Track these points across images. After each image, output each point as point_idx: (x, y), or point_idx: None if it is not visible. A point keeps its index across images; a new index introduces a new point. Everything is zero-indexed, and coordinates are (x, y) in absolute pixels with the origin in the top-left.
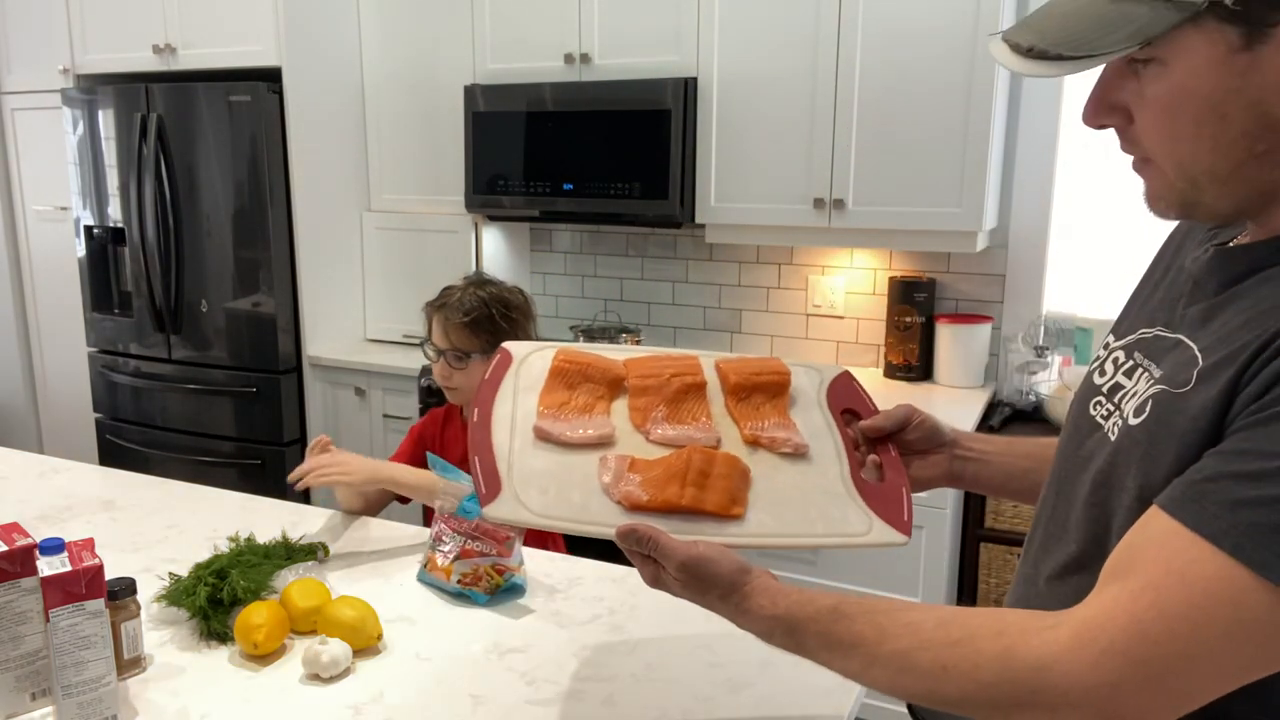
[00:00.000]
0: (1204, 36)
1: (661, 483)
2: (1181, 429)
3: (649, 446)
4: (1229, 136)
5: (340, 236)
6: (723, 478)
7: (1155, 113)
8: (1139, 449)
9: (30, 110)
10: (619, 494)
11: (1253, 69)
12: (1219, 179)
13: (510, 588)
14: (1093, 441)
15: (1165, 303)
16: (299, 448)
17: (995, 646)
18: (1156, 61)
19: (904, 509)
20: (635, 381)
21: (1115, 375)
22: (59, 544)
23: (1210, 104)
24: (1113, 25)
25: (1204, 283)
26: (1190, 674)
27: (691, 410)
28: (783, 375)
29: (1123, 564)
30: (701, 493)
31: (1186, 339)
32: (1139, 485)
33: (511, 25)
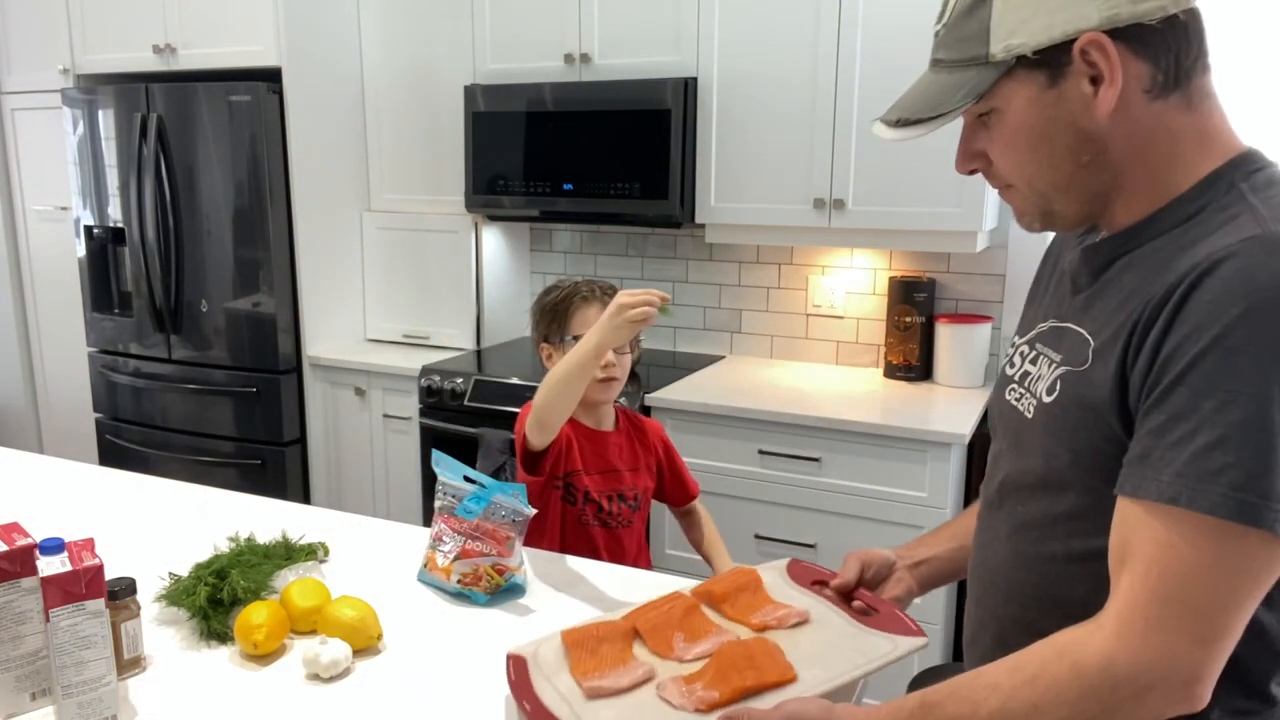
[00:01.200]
0: (1020, 83)
1: (720, 679)
2: (1090, 399)
3: (686, 665)
4: (1058, 154)
5: (340, 236)
6: (765, 655)
7: (1003, 148)
8: (1058, 421)
9: (30, 110)
10: (694, 702)
11: (1061, 99)
12: (1061, 189)
13: (510, 588)
14: (1012, 421)
15: (1054, 300)
16: (299, 448)
17: (1064, 667)
18: (995, 111)
19: (907, 622)
20: (645, 625)
21: (1023, 365)
22: (59, 544)
23: (1038, 132)
24: (953, 89)
25: (1078, 278)
26: (1217, 614)
27: (703, 625)
28: (754, 575)
29: (1120, 556)
30: (758, 672)
31: (1074, 326)
32: (1071, 451)
33: (511, 25)
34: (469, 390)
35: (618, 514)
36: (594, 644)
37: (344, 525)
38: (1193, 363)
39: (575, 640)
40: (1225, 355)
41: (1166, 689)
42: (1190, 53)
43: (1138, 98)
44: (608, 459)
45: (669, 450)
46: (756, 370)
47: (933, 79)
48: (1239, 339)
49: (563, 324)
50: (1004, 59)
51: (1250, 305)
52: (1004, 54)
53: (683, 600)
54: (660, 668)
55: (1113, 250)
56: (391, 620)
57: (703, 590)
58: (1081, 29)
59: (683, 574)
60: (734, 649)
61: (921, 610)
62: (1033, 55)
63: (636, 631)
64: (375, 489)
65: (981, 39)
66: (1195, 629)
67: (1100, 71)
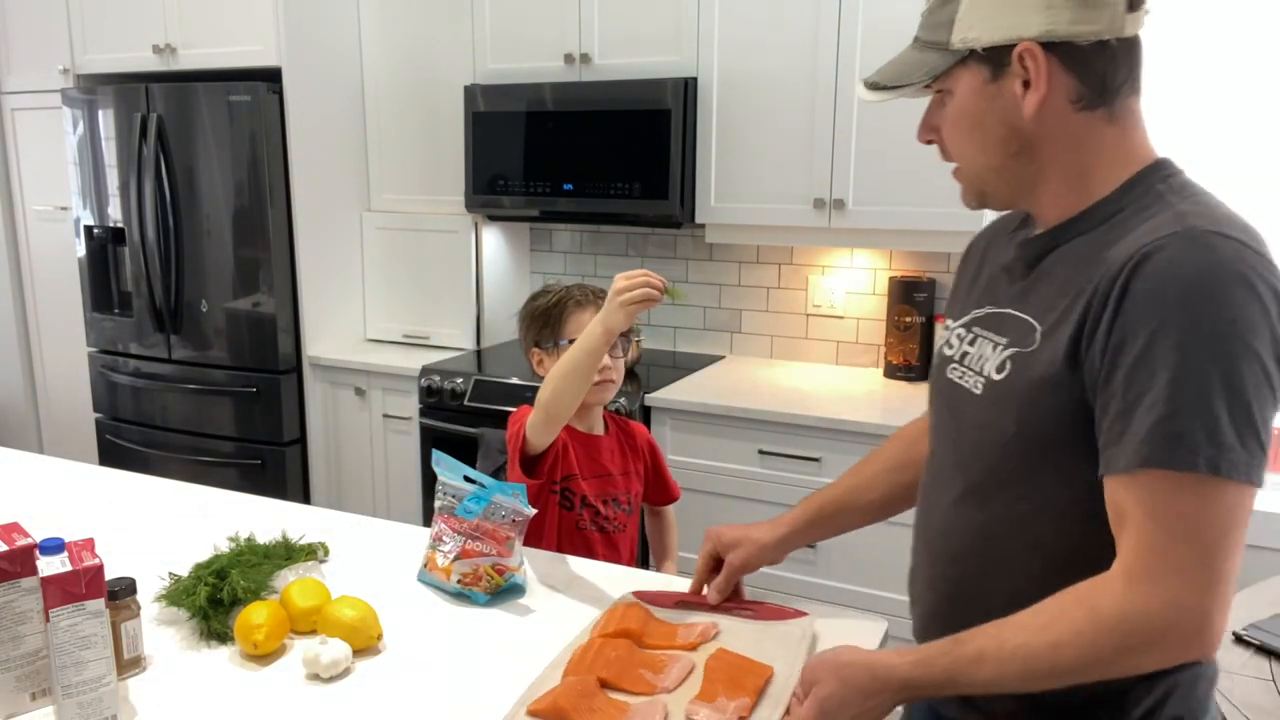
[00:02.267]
0: (969, 73)
1: (735, 686)
2: (1040, 374)
3: (676, 693)
4: (990, 141)
5: (340, 236)
6: (738, 660)
7: (949, 127)
8: (1008, 396)
9: (30, 110)
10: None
11: (999, 94)
12: (992, 172)
13: (510, 587)
14: (957, 399)
15: (988, 289)
16: (299, 448)
17: (1082, 611)
18: (948, 92)
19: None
20: (610, 674)
21: (961, 347)
22: (59, 544)
23: (976, 119)
24: (918, 66)
25: (1014, 269)
26: (1210, 560)
27: (654, 658)
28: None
29: (1118, 523)
30: (753, 675)
31: (1016, 312)
32: (1017, 422)
33: (511, 25)
34: (469, 390)
35: (613, 518)
36: (585, 707)
37: (344, 525)
38: (1144, 348)
39: (559, 711)
40: (1168, 339)
41: (1179, 636)
42: (1119, 76)
43: (1065, 106)
44: (601, 463)
45: (655, 453)
46: (756, 370)
47: (908, 54)
48: (1177, 323)
49: (555, 329)
50: (960, 49)
51: (1183, 292)
52: (961, 44)
53: (611, 642)
54: (657, 700)
55: (1045, 245)
56: (391, 620)
57: (618, 630)
58: (1022, 36)
59: (684, 574)
60: (715, 662)
61: None
62: (982, 51)
63: (604, 682)
64: (375, 489)
65: (947, 28)
66: (1194, 577)
67: (1030, 77)
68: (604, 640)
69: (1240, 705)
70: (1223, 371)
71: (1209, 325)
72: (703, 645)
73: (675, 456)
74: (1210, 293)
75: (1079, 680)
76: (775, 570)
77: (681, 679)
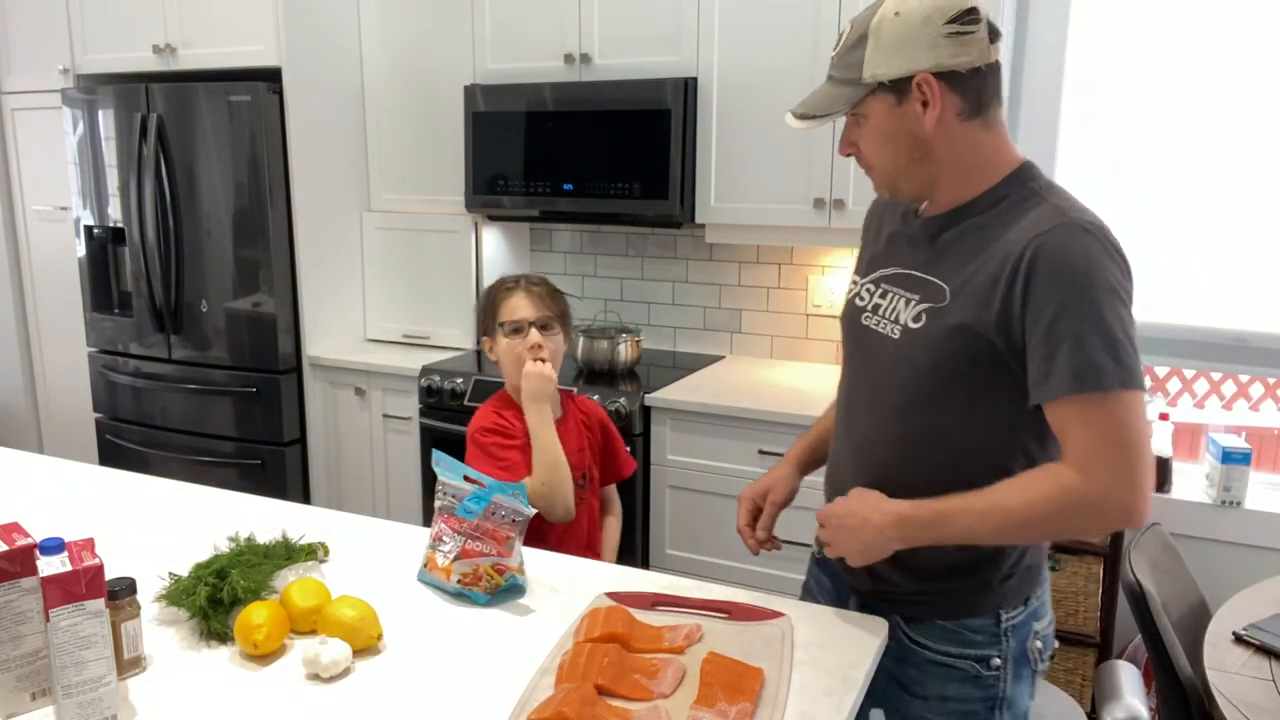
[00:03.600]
0: (879, 100)
1: (734, 691)
2: (951, 325)
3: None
4: (901, 150)
5: (340, 236)
6: (729, 663)
7: (866, 143)
8: (925, 340)
9: (30, 110)
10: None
11: (904, 114)
12: (902, 173)
13: (510, 587)
14: (875, 342)
15: (893, 254)
16: (299, 448)
17: (1049, 478)
18: (864, 115)
19: (763, 609)
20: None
21: (872, 299)
22: (59, 544)
23: (888, 134)
24: (838, 98)
25: (917, 240)
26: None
27: (646, 663)
28: (620, 611)
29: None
30: (747, 678)
31: (926, 275)
32: (932, 359)
33: (511, 25)
34: (469, 390)
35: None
36: (590, 715)
37: (344, 525)
38: (1056, 315)
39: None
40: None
41: (1119, 508)
42: (989, 91)
43: (954, 119)
44: None
45: (606, 431)
46: (756, 370)
47: (827, 89)
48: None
49: (494, 314)
50: (870, 82)
51: (1075, 268)
52: (870, 79)
53: (601, 647)
54: (657, 706)
55: (944, 223)
56: (391, 620)
57: (605, 635)
58: (918, 69)
59: (683, 573)
60: (709, 667)
61: None
62: (888, 83)
63: (600, 689)
64: (375, 489)
65: (858, 68)
66: (1123, 468)
67: (927, 98)
68: (593, 645)
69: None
70: (1112, 318)
71: (1096, 288)
72: (690, 648)
73: (675, 456)
74: (1092, 267)
75: (1038, 535)
76: (775, 571)
77: (676, 683)
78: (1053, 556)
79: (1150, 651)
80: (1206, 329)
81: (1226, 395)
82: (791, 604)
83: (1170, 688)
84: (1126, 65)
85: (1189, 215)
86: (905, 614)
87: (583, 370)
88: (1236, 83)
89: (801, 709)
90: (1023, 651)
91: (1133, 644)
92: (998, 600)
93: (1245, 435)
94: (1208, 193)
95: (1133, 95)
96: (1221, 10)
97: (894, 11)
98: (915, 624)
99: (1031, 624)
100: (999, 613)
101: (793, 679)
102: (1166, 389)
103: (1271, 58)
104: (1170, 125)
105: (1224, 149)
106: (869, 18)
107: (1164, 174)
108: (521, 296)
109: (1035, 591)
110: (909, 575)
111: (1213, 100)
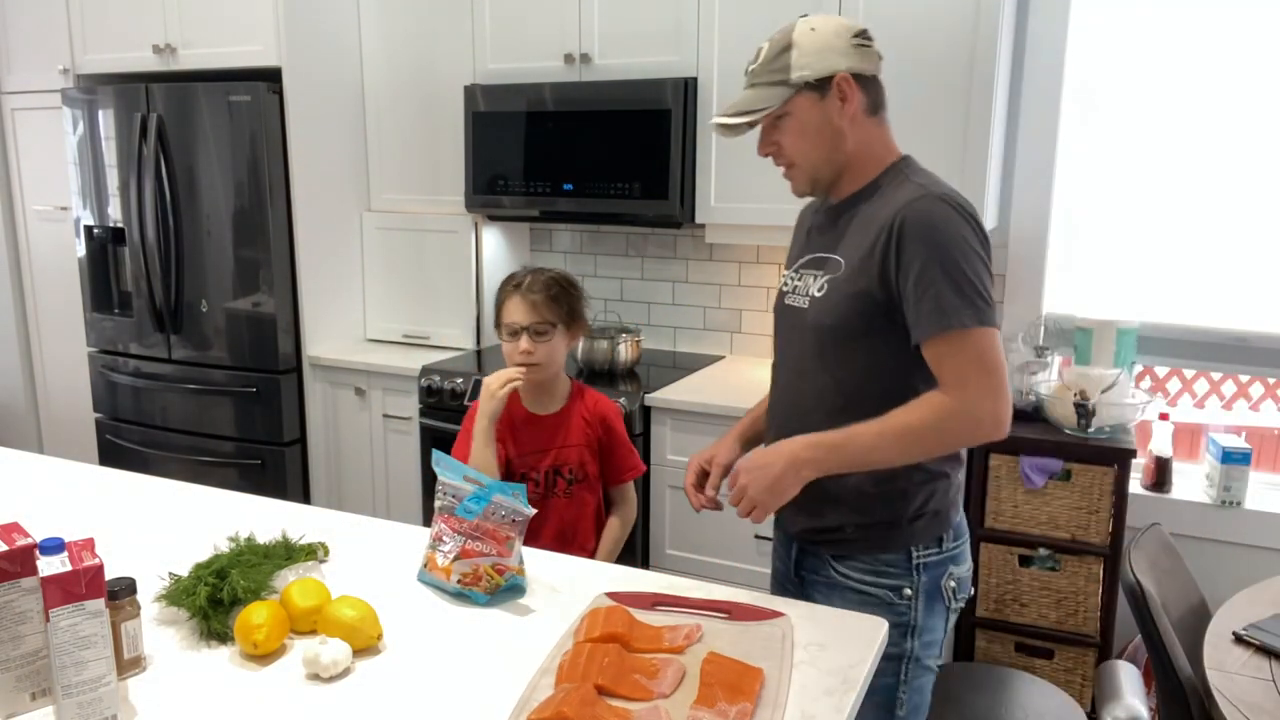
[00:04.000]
0: (804, 98)
1: (734, 691)
2: (848, 290)
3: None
4: (824, 140)
5: (340, 236)
6: (730, 663)
7: (791, 139)
8: (827, 304)
9: (30, 110)
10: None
11: (826, 109)
12: (822, 164)
13: (510, 587)
14: (793, 315)
15: (810, 245)
16: (299, 448)
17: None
18: (787, 115)
19: (764, 609)
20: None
21: (794, 284)
22: (59, 544)
23: (815, 126)
24: (767, 98)
25: (823, 228)
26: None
27: (646, 662)
28: (620, 611)
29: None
30: (748, 678)
31: (829, 254)
32: (833, 319)
33: (511, 25)
34: (469, 390)
35: (553, 487)
36: (590, 715)
37: (344, 525)
38: (922, 268)
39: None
40: (931, 259)
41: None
42: (881, 97)
43: (861, 114)
44: (542, 440)
45: (608, 431)
46: (756, 370)
47: (752, 93)
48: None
49: (498, 313)
50: (798, 82)
51: (932, 231)
52: (799, 79)
53: (601, 647)
54: (658, 706)
55: (840, 210)
56: (391, 620)
57: (605, 635)
58: (838, 69)
59: (683, 574)
60: (709, 667)
61: None
62: (814, 81)
63: (600, 689)
64: (375, 489)
65: (785, 70)
66: (989, 388)
67: (845, 95)
68: (593, 645)
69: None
70: (968, 268)
71: (954, 244)
72: (689, 648)
73: (676, 456)
74: (949, 226)
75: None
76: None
77: (676, 683)
78: (1052, 557)
79: (1150, 651)
80: (1206, 329)
81: (1226, 395)
82: (791, 604)
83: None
84: (1126, 65)
85: (1189, 215)
86: (834, 553)
87: (583, 370)
88: (1236, 83)
89: (801, 709)
90: (936, 588)
91: (1133, 644)
92: (908, 539)
93: (1245, 435)
94: (1208, 193)
95: (1132, 95)
96: (1221, 11)
97: (810, 27)
98: (842, 560)
99: (949, 566)
100: (910, 549)
101: (793, 679)
102: (1166, 389)
103: (1271, 59)
104: (1170, 125)
105: (1224, 149)
106: (789, 31)
107: (1164, 174)
108: (517, 301)
109: (947, 534)
110: (836, 509)
111: (1213, 101)
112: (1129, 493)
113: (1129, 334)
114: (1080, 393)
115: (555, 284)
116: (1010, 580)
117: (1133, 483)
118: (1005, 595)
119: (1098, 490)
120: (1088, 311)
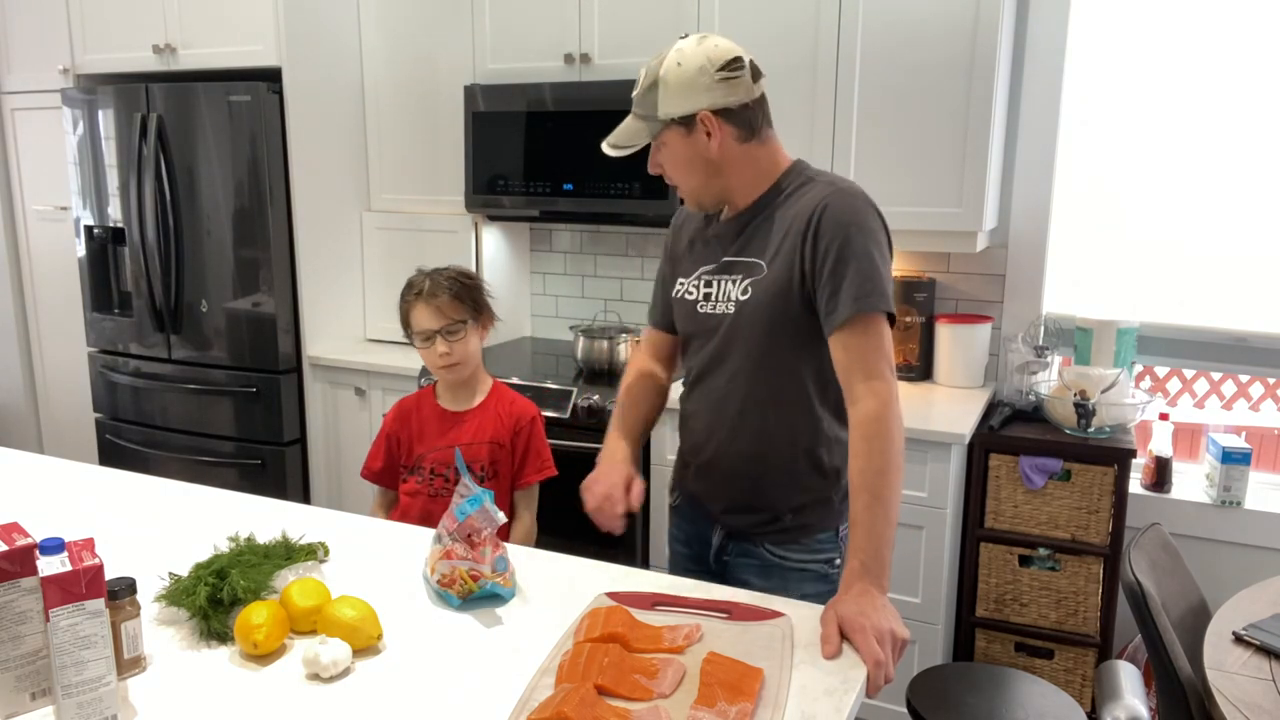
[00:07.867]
0: (673, 132)
1: (734, 691)
2: (773, 290)
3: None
4: (695, 171)
5: (340, 236)
6: (729, 663)
7: (668, 166)
8: (754, 306)
9: (30, 110)
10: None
11: (694, 143)
12: (700, 190)
13: (486, 595)
14: (714, 321)
15: (706, 253)
16: (299, 448)
17: (873, 433)
18: (664, 145)
19: (763, 610)
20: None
21: (701, 291)
22: (59, 544)
23: (684, 159)
24: (640, 131)
25: (725, 237)
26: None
27: (645, 662)
28: (620, 610)
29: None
30: (747, 678)
31: (742, 258)
32: (767, 322)
33: (511, 25)
34: None
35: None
36: (590, 716)
37: (344, 525)
38: (837, 257)
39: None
40: (847, 248)
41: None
42: (759, 119)
43: (733, 143)
44: (451, 435)
45: (521, 432)
46: None
47: (632, 123)
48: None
49: (407, 327)
50: (665, 119)
51: (847, 223)
52: (665, 116)
53: (601, 647)
54: (657, 706)
55: (747, 217)
56: (391, 620)
57: (605, 635)
58: (699, 109)
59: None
60: (709, 667)
61: (922, 610)
62: (678, 119)
63: (600, 689)
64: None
65: (654, 106)
66: (887, 371)
67: (710, 130)
68: (593, 645)
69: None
70: (876, 258)
71: (869, 235)
72: (689, 648)
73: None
74: (859, 219)
75: (899, 465)
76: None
77: (676, 683)
78: (1052, 557)
79: (1150, 651)
80: (1206, 329)
81: (1226, 395)
82: (792, 604)
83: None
84: (1126, 65)
85: (1188, 215)
86: (772, 540)
87: (582, 370)
88: (1236, 83)
89: (801, 709)
90: None
91: (1133, 644)
92: (837, 517)
93: (1245, 435)
94: (1207, 193)
95: (1132, 95)
96: (1221, 12)
97: (676, 62)
98: (782, 545)
99: None
100: (838, 526)
101: (793, 679)
102: (1166, 389)
103: (1271, 59)
104: (1169, 126)
105: (1223, 149)
106: (658, 67)
107: (1163, 174)
108: (422, 308)
109: None
110: (772, 501)
111: (1212, 100)
112: (1129, 492)
113: (1129, 334)
114: (1080, 393)
115: (456, 282)
116: (1010, 580)
117: (1133, 483)
118: (1005, 595)
119: (1098, 490)
120: (1088, 311)
